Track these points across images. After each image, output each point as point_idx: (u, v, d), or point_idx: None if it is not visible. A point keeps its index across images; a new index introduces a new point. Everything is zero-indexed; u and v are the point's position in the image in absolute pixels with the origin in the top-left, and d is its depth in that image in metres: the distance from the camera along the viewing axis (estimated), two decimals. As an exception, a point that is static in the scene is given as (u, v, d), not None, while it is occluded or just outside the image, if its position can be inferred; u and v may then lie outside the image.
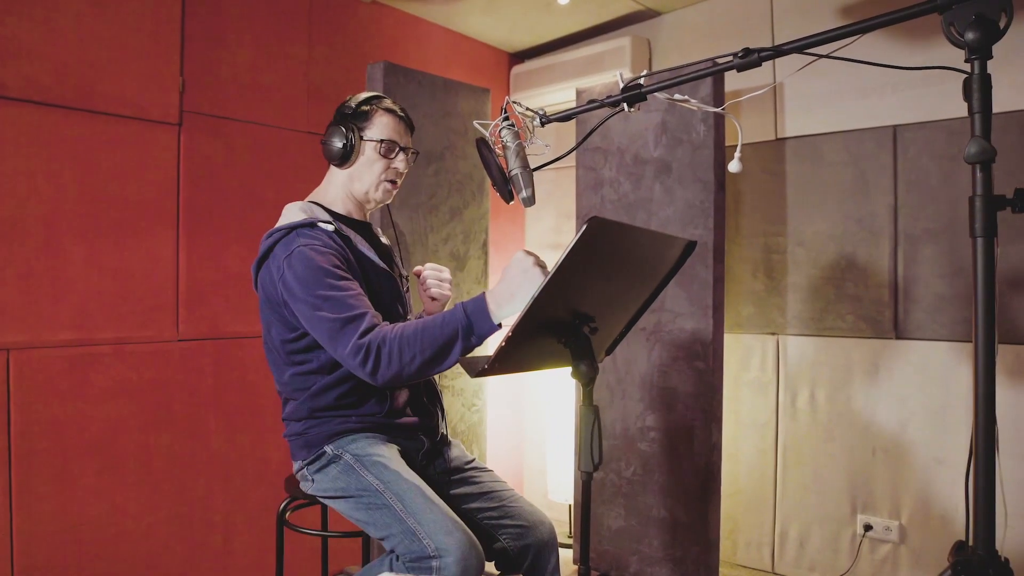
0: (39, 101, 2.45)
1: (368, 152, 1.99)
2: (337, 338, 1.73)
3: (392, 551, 1.77)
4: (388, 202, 2.09)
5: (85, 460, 2.55)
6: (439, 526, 1.70)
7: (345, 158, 1.97)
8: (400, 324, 1.74)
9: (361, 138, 1.98)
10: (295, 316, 1.84)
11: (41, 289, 2.47)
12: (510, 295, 1.67)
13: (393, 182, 2.03)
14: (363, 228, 2.08)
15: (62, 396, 2.50)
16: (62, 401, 2.50)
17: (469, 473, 2.06)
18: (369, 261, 1.95)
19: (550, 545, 2.01)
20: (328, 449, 1.90)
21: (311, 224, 1.88)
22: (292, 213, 1.94)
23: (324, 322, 1.75)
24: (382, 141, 1.98)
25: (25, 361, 2.42)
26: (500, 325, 1.71)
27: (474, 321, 1.69)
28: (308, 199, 2.05)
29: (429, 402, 2.07)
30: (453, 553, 1.66)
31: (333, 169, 2.05)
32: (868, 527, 3.05)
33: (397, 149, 2.01)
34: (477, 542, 1.71)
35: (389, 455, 1.87)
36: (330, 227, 1.90)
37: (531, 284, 1.63)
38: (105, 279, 2.62)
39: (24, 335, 2.43)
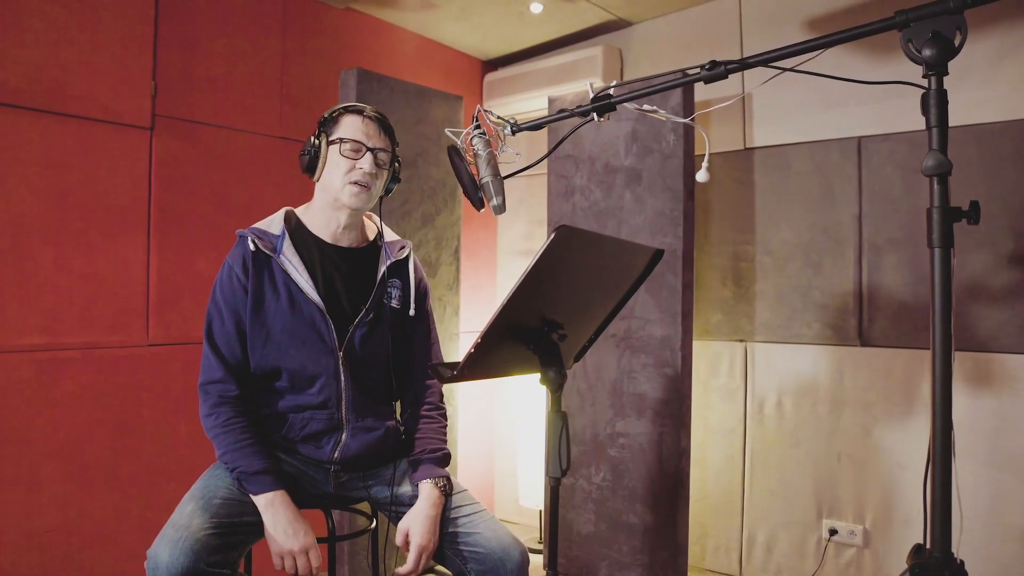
0: (9, 103, 2.43)
1: (333, 155, 1.90)
2: (200, 368, 1.96)
3: None
4: (362, 207, 1.93)
5: (52, 465, 2.52)
6: (167, 531, 1.65)
7: (312, 165, 1.92)
8: (225, 420, 1.86)
9: (327, 142, 1.91)
10: None
11: (9, 293, 2.45)
12: (282, 526, 1.76)
13: (360, 184, 1.89)
14: (313, 246, 1.96)
15: (29, 401, 2.47)
16: (29, 406, 2.47)
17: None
18: (295, 286, 1.89)
19: None
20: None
21: (245, 237, 1.90)
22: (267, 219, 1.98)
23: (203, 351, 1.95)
24: (343, 140, 1.89)
25: (-9, 366, 2.40)
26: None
27: (242, 480, 1.80)
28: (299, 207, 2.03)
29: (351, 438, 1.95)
30: (151, 555, 1.60)
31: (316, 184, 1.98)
32: (833, 531, 3.10)
33: (364, 150, 1.90)
34: (189, 562, 1.57)
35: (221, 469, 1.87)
36: (252, 246, 1.87)
37: (283, 537, 1.75)
38: (74, 283, 2.60)
39: (-10, 339, 2.41)
